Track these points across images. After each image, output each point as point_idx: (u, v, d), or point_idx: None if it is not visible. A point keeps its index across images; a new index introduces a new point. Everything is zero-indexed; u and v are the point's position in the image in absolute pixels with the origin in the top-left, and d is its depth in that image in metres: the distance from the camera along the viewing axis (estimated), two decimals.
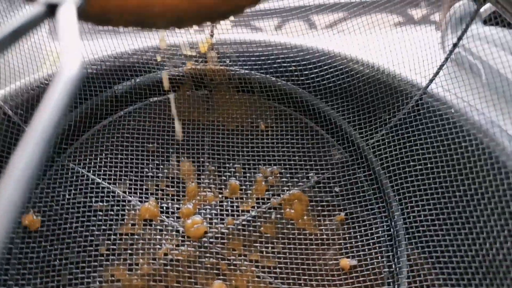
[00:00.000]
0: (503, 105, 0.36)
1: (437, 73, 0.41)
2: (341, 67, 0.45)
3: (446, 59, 0.41)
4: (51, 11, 0.13)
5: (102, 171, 0.43)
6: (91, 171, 0.43)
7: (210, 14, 0.17)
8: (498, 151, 0.35)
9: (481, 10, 0.37)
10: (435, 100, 0.41)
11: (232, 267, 0.39)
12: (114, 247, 0.39)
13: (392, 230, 0.41)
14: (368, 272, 0.39)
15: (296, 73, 0.47)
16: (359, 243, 0.41)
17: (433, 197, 0.39)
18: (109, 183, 0.42)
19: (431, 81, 0.41)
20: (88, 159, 0.43)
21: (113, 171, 0.43)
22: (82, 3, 0.13)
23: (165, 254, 0.39)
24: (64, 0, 0.13)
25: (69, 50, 0.11)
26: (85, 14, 0.16)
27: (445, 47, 0.42)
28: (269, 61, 0.47)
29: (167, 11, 0.16)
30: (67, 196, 0.41)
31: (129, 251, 0.39)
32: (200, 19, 0.18)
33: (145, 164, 0.44)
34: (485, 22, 0.39)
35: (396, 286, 0.38)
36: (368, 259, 0.40)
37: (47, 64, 0.43)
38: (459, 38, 0.38)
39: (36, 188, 0.42)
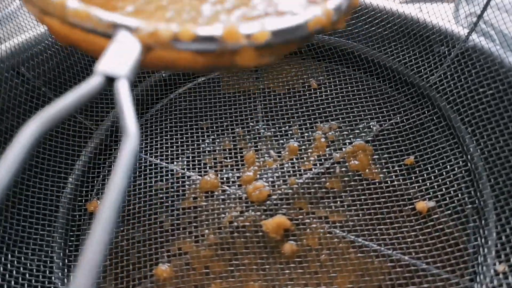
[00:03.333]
0: None
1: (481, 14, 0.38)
2: (385, 16, 0.43)
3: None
4: (109, 82, 0.15)
5: (159, 152, 0.43)
6: (149, 154, 0.42)
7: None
8: None
9: None
10: (480, 47, 0.38)
11: (301, 226, 0.37)
12: (178, 221, 0.38)
13: (469, 164, 0.37)
14: (449, 212, 0.36)
15: None
16: (435, 184, 0.37)
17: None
18: (167, 163, 0.42)
19: (476, 23, 0.38)
20: (144, 143, 0.43)
21: (169, 151, 0.42)
22: (132, 78, 0.15)
23: (230, 222, 0.38)
24: (119, 74, 0.15)
25: (129, 125, 0.13)
26: None
27: (460, 20, 0.40)
28: None
29: (189, 69, 0.18)
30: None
31: (194, 224, 0.38)
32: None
33: (200, 140, 0.43)
34: None
35: (483, 221, 0.34)
36: (447, 198, 0.36)
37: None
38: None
39: (98, 177, 0.42)
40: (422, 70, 0.41)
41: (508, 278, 0.31)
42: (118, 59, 0.15)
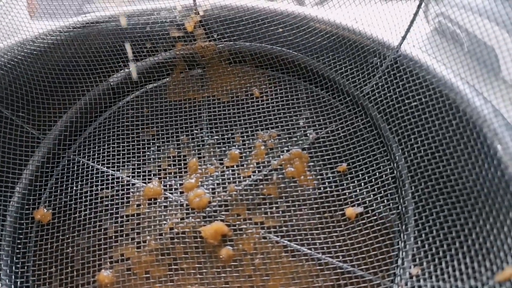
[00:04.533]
0: (484, 72, 0.36)
1: (408, 29, 0.40)
2: (325, 29, 0.45)
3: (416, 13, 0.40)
4: None
5: (106, 160, 0.44)
6: (96, 161, 0.44)
7: None
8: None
9: None
10: (409, 59, 0.40)
11: (238, 231, 0.39)
12: (122, 228, 0.40)
13: (395, 171, 0.39)
14: (375, 217, 0.38)
15: (284, 34, 0.46)
16: (364, 191, 0.40)
17: (432, 132, 0.37)
18: (114, 170, 0.43)
19: (404, 37, 0.40)
20: (92, 151, 0.45)
21: (116, 159, 0.44)
22: None
23: (171, 228, 0.40)
24: None
25: None
26: None
27: (429, 20, 0.42)
28: (256, 28, 0.47)
29: None
30: (74, 188, 0.43)
31: (136, 230, 0.40)
32: None
33: (146, 148, 0.45)
34: None
35: (404, 226, 0.37)
36: (374, 204, 0.39)
37: None
38: None
39: (45, 185, 0.43)
40: (357, 80, 0.43)
41: (420, 281, 0.34)
42: None
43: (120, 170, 0.43)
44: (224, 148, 0.44)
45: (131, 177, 0.43)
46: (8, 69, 0.43)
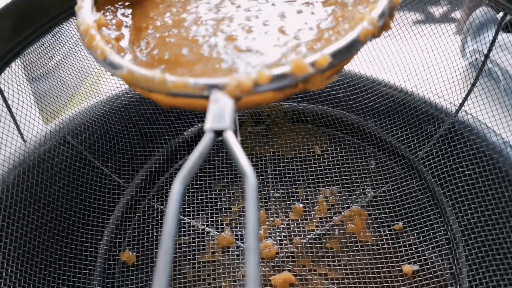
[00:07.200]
0: None
1: (466, 96, 0.44)
2: (383, 93, 0.49)
3: (475, 80, 0.44)
4: (218, 135, 0.18)
5: (181, 208, 0.49)
6: None
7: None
8: None
9: (499, 16, 0.40)
10: (466, 126, 0.44)
11: (304, 281, 0.44)
12: (199, 274, 0.45)
13: (449, 233, 0.43)
14: (431, 276, 0.42)
15: (344, 99, 0.51)
16: (419, 249, 0.44)
17: (484, 199, 0.41)
18: (189, 218, 0.48)
19: (462, 103, 0.44)
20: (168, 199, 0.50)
21: (191, 207, 0.49)
22: (233, 127, 0.18)
23: (243, 276, 0.44)
24: (224, 126, 0.18)
25: (246, 167, 0.16)
26: None
27: (465, 54, 0.45)
28: (318, 91, 0.52)
29: (272, 102, 0.22)
30: (154, 233, 0.48)
31: (212, 276, 0.45)
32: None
33: (218, 198, 0.50)
34: (503, 29, 0.42)
35: (458, 286, 0.41)
36: (429, 263, 0.43)
37: (86, 83, 0.50)
38: (486, 56, 0.41)
39: (128, 228, 0.48)
40: (412, 145, 0.48)
41: None
42: (219, 115, 0.18)
43: (195, 219, 0.48)
44: (288, 202, 0.49)
45: (205, 225, 0.48)
46: (101, 123, 0.48)
